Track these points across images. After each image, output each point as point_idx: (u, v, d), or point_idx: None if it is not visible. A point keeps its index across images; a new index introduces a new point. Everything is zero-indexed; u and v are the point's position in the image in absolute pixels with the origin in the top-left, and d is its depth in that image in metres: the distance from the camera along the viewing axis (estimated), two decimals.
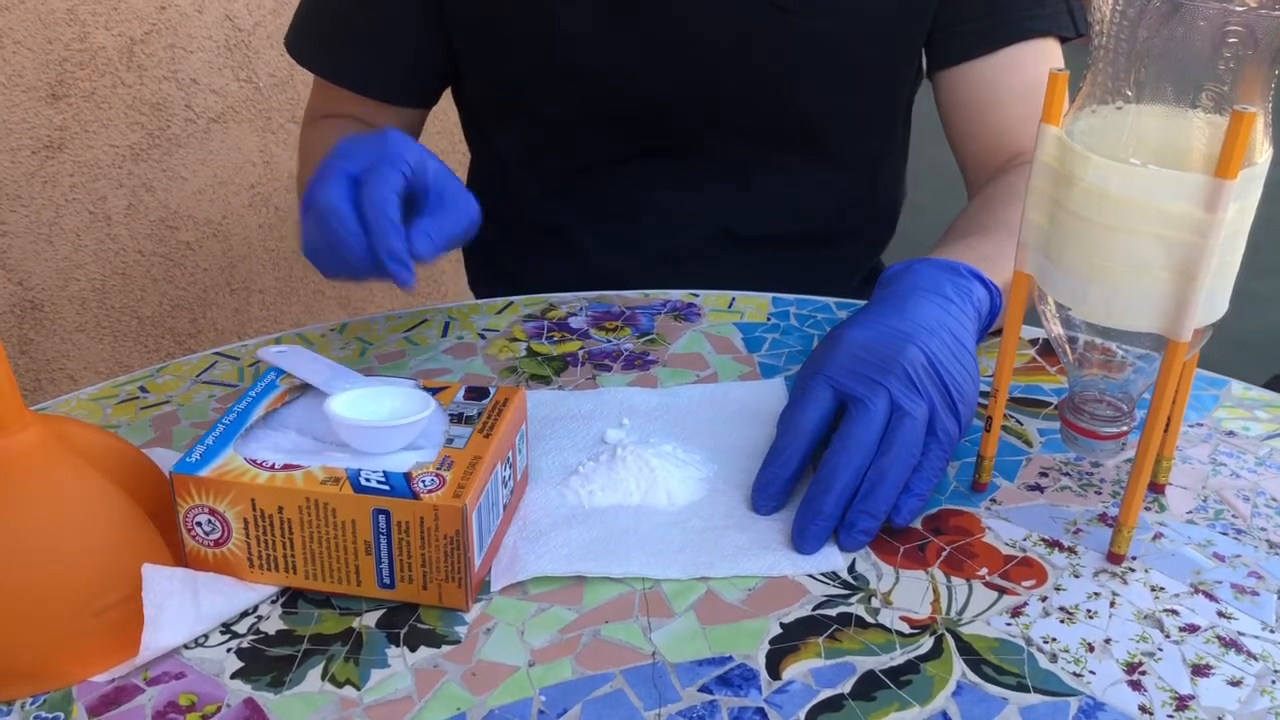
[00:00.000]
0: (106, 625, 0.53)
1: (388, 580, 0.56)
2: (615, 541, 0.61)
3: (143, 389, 0.76)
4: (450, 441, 0.58)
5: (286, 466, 0.56)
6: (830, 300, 0.87)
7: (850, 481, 0.60)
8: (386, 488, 0.55)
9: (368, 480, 0.55)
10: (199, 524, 0.56)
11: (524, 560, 0.59)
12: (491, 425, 0.60)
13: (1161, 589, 0.58)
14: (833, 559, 0.60)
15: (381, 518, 0.54)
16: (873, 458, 0.61)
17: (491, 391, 0.63)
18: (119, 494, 0.55)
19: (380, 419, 0.58)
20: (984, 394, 0.74)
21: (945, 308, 0.67)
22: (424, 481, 0.55)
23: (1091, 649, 0.55)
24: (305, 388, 0.63)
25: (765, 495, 0.63)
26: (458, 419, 0.60)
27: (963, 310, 0.68)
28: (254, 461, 0.56)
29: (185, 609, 0.55)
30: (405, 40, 0.93)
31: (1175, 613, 0.57)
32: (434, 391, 0.62)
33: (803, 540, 0.60)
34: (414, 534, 0.55)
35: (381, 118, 0.97)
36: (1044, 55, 0.89)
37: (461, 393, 0.63)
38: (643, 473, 0.65)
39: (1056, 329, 0.60)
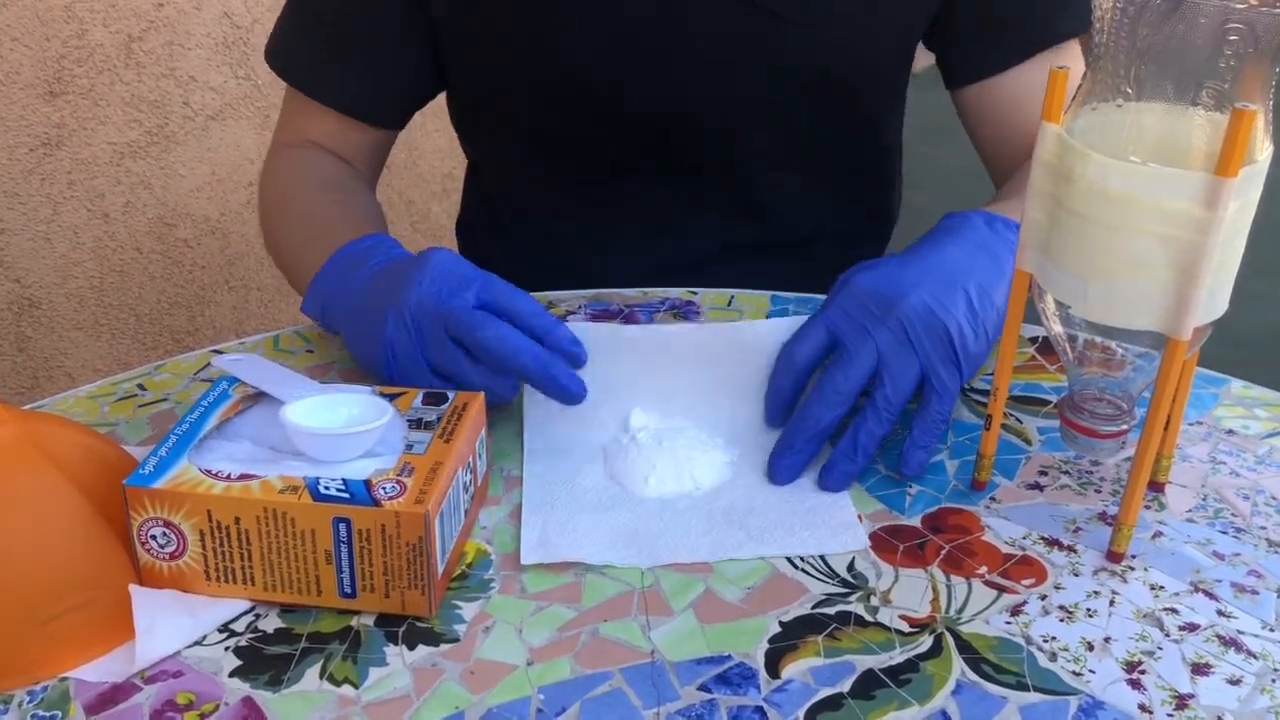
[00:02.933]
0: (52, 635, 0.53)
1: (349, 589, 0.56)
2: (642, 528, 0.62)
3: (141, 387, 0.76)
4: (410, 447, 0.58)
5: (243, 476, 0.55)
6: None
7: (828, 426, 0.64)
8: (346, 495, 0.54)
9: (327, 488, 0.54)
10: (154, 537, 0.55)
11: (554, 544, 0.61)
12: (451, 430, 0.59)
13: (1161, 588, 0.58)
14: (857, 538, 0.61)
15: (342, 526, 0.54)
16: (852, 403, 0.64)
17: (450, 397, 0.62)
18: (81, 502, 0.54)
19: (337, 426, 0.57)
20: (984, 392, 0.74)
21: (978, 258, 0.68)
22: (384, 488, 0.55)
23: (1091, 648, 0.55)
24: (259, 396, 0.62)
25: (772, 412, 0.68)
26: (417, 424, 0.60)
27: (1004, 264, 0.69)
28: (209, 472, 0.55)
29: (180, 618, 0.55)
30: (389, 56, 0.91)
31: (1175, 611, 0.57)
32: (391, 397, 0.62)
33: (774, 471, 0.65)
34: (375, 541, 0.54)
35: (350, 139, 0.94)
36: (1068, 55, 0.88)
37: (420, 398, 0.62)
38: (668, 460, 0.66)
39: (1056, 327, 0.60)
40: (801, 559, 0.60)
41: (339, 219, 0.83)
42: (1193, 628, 0.56)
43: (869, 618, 0.56)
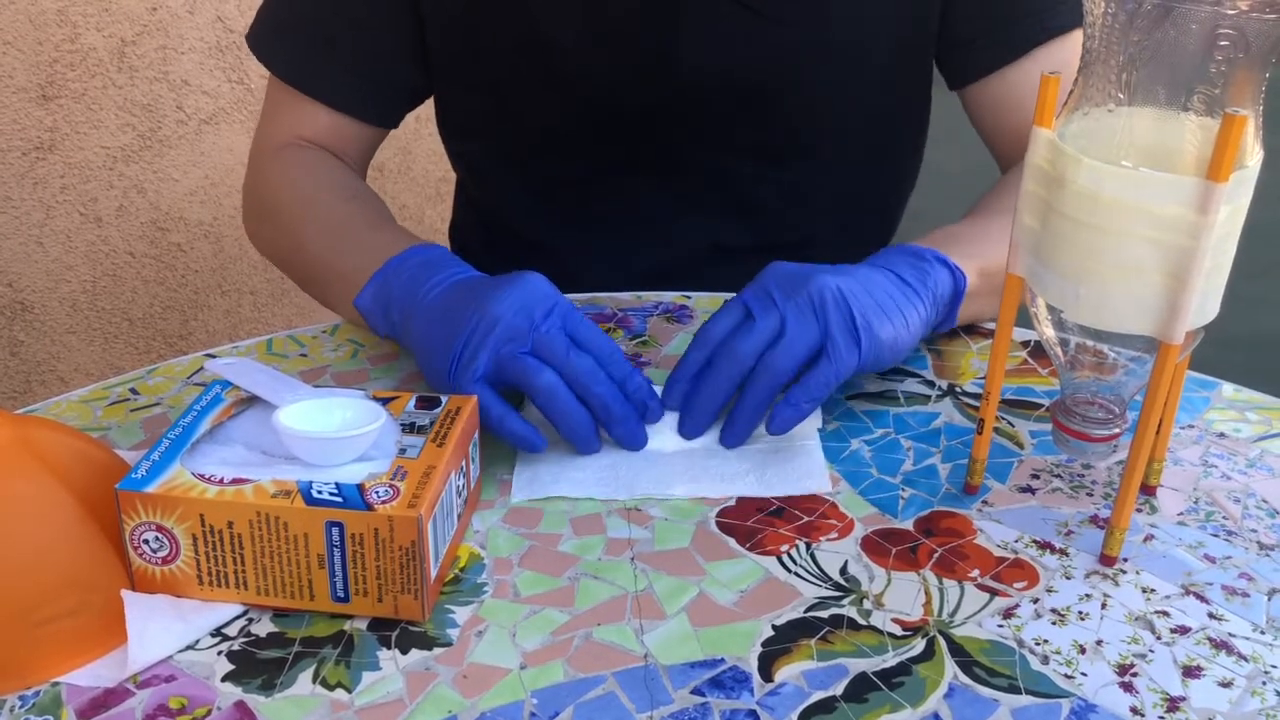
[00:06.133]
0: (44, 639, 0.53)
1: (342, 594, 0.56)
2: (624, 466, 0.67)
3: (133, 391, 0.76)
4: (403, 451, 0.58)
5: (235, 480, 0.55)
6: None
7: (727, 388, 0.68)
8: (339, 499, 0.54)
9: (320, 492, 0.54)
10: (146, 541, 0.55)
11: (542, 481, 0.66)
12: (444, 434, 0.59)
13: (1153, 590, 0.59)
14: (821, 482, 0.66)
15: (335, 530, 0.54)
16: (750, 364, 0.67)
17: (443, 401, 0.62)
18: (73, 506, 0.54)
19: (330, 430, 0.57)
20: (976, 396, 0.75)
21: (891, 280, 0.71)
22: (377, 492, 0.55)
23: (1083, 650, 0.55)
24: (252, 400, 0.62)
25: (671, 393, 0.70)
26: (410, 429, 0.60)
27: (912, 288, 0.71)
28: (202, 476, 0.55)
29: (173, 623, 0.55)
30: (385, 51, 0.91)
31: (1166, 614, 0.57)
32: (385, 401, 0.62)
33: (684, 428, 0.69)
34: (368, 546, 0.54)
35: (345, 137, 0.93)
36: (1068, 47, 0.87)
37: (413, 402, 0.62)
38: (664, 422, 0.70)
39: (1048, 331, 0.60)
40: (794, 562, 0.60)
41: (382, 226, 0.83)
42: (1184, 630, 0.56)
43: (862, 621, 0.56)
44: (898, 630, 0.56)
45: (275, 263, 0.92)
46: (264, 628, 0.56)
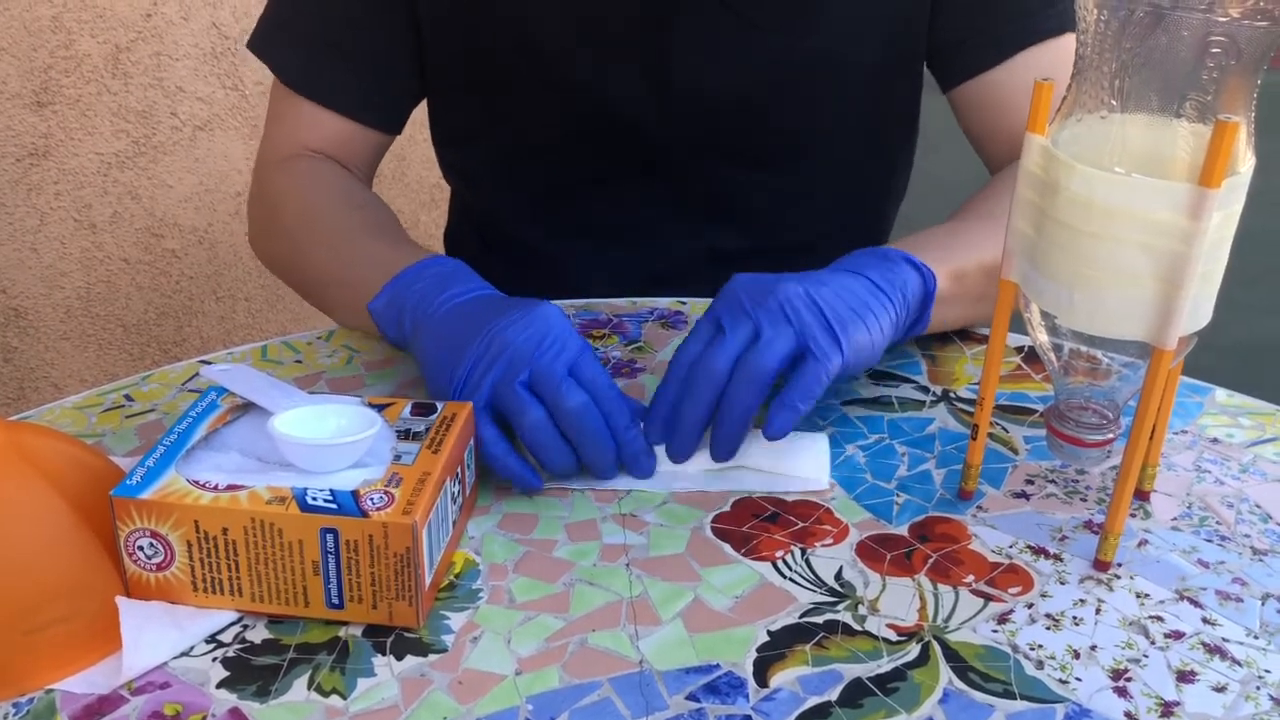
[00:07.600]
0: (37, 646, 0.53)
1: (336, 600, 0.56)
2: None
3: (128, 397, 0.76)
4: (398, 458, 0.58)
5: (230, 487, 0.55)
6: None
7: (710, 402, 0.65)
8: (334, 506, 0.54)
9: (314, 499, 0.54)
10: (140, 548, 0.55)
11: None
12: (440, 441, 0.59)
13: (1147, 596, 0.59)
14: (820, 480, 0.67)
15: (329, 537, 0.54)
16: (728, 377, 0.65)
17: (439, 407, 0.62)
18: (67, 513, 0.54)
19: (325, 437, 0.57)
20: (970, 401, 0.75)
21: (859, 282, 0.69)
22: (372, 499, 0.55)
23: (1077, 655, 0.55)
24: (247, 407, 0.62)
25: (653, 426, 0.67)
26: (405, 435, 0.60)
27: (880, 289, 0.70)
28: (197, 482, 0.55)
29: (167, 629, 0.55)
30: (388, 56, 0.91)
31: (1160, 619, 0.57)
32: (380, 408, 0.62)
33: (670, 451, 0.67)
34: (363, 552, 0.54)
35: (353, 144, 0.93)
36: (1059, 51, 0.87)
37: (408, 408, 0.62)
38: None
39: (1042, 337, 0.60)
40: (789, 567, 0.60)
41: (393, 236, 0.83)
42: (1178, 635, 0.56)
43: (857, 626, 0.56)
44: (893, 636, 0.56)
45: (278, 273, 0.92)
46: (259, 634, 0.56)
